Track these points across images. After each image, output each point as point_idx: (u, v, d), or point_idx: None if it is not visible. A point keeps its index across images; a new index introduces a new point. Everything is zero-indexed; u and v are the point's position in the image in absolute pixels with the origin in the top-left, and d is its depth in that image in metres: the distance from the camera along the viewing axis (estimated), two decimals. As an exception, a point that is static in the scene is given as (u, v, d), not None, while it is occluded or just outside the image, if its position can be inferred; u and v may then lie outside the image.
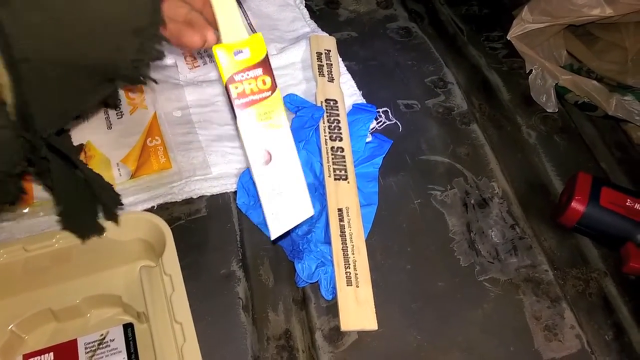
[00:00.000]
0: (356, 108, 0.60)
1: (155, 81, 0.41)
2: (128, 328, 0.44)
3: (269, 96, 0.39)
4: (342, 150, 0.56)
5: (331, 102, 0.59)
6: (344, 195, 0.53)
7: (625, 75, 0.60)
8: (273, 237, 0.42)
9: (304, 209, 0.42)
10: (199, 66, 0.63)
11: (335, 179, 0.53)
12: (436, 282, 0.51)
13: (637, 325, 0.50)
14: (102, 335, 0.43)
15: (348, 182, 0.53)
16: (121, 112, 0.56)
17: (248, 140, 0.40)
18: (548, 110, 0.63)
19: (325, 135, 0.56)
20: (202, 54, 0.65)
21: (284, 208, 0.41)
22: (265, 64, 0.38)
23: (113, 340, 0.43)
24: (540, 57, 0.62)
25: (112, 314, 0.44)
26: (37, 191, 0.51)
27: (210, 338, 0.45)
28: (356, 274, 0.48)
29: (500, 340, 0.48)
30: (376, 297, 0.48)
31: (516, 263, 0.52)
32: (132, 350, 0.43)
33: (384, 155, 0.57)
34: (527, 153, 0.61)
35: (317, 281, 0.48)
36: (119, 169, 0.53)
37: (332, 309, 0.48)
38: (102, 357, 0.43)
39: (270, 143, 0.40)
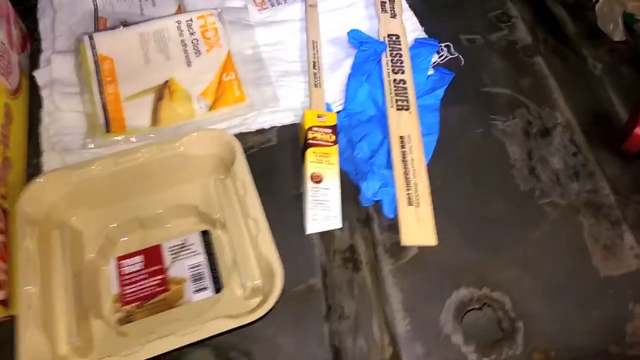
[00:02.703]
0: (418, 42, 0.62)
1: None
2: (205, 234, 0.49)
3: (331, 145, 0.54)
4: (404, 82, 0.58)
5: (393, 37, 0.61)
6: (406, 124, 0.55)
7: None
8: (308, 232, 0.51)
9: (335, 222, 0.51)
10: (267, 8, 0.66)
11: (397, 109, 0.56)
12: (495, 205, 0.53)
13: (701, 249, 0.50)
14: (182, 240, 0.49)
15: (410, 112, 0.56)
16: (199, 50, 0.61)
17: (309, 165, 0.53)
18: (615, 39, 0.62)
19: (387, 69, 0.59)
20: (270, -3, 0.68)
21: (321, 216, 0.51)
22: (333, 128, 0.55)
23: (193, 244, 0.49)
24: (610, -15, 0.60)
25: (191, 223, 0.50)
26: (129, 120, 0.57)
27: (282, 249, 0.50)
28: (417, 195, 0.51)
29: (558, 258, 0.50)
30: (436, 218, 0.50)
31: (577, 188, 0.53)
32: (210, 252, 0.48)
33: (445, 87, 0.59)
34: (593, 84, 0.61)
35: (379, 200, 0.52)
36: (198, 102, 0.58)
37: (393, 227, 0.51)
38: (185, 257, 0.49)
39: (324, 171, 0.53)
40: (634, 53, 0.63)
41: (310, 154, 0.53)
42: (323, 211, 0.51)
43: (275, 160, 0.56)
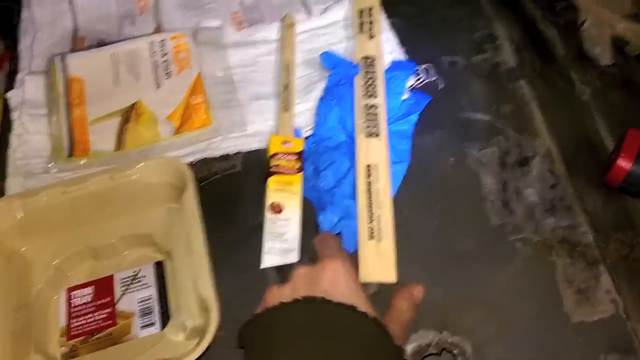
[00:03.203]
0: (395, 64, 0.60)
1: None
2: (159, 265, 0.48)
3: (294, 174, 0.52)
4: (376, 107, 0.55)
5: (369, 60, 0.59)
6: (374, 152, 0.53)
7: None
8: (262, 266, 0.49)
9: (292, 256, 0.49)
10: (244, 28, 0.65)
11: (367, 136, 0.54)
12: (464, 240, 0.50)
13: (685, 294, 0.46)
14: (135, 272, 0.48)
15: (379, 139, 0.53)
16: (169, 72, 0.60)
17: (269, 194, 0.51)
18: (602, 63, 0.58)
19: (360, 92, 0.56)
20: (249, 16, 0.66)
21: (278, 249, 0.49)
22: (299, 155, 0.53)
23: (145, 276, 0.48)
24: (597, 4, 0.57)
25: (145, 253, 0.49)
26: (94, 144, 0.56)
27: (236, 283, 0.48)
28: (379, 229, 0.49)
29: (527, 300, 0.47)
30: (400, 252, 0.48)
31: (553, 223, 0.50)
32: (162, 285, 0.47)
33: (419, 112, 0.57)
34: (579, 110, 0.57)
35: (339, 233, 0.49)
36: (164, 126, 0.57)
37: (353, 261, 0.49)
38: (134, 290, 0.47)
39: (285, 200, 0.51)
40: (626, 77, 0.59)
41: (271, 182, 0.52)
42: (280, 244, 0.49)
43: (239, 188, 0.55)
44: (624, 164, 0.48)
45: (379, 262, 0.47)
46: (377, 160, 0.52)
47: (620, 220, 0.50)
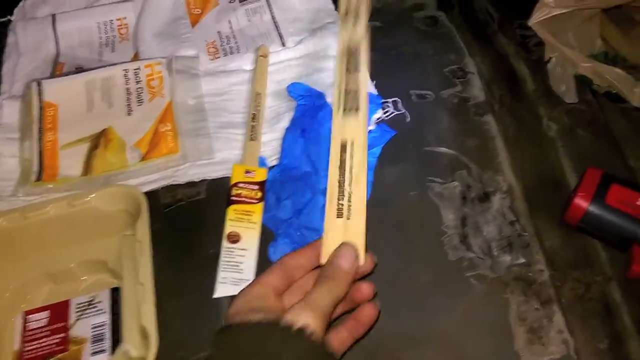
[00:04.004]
0: (362, 98, 0.60)
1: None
2: (115, 292, 0.48)
3: (255, 203, 0.53)
4: (357, 78, 0.46)
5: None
6: (351, 129, 0.44)
7: (658, 62, 0.54)
8: (215, 296, 0.49)
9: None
10: (219, 57, 0.66)
11: (344, 112, 0.45)
12: (419, 274, 0.50)
13: (638, 336, 0.45)
14: (91, 297, 0.48)
15: (358, 113, 0.45)
16: (141, 99, 0.61)
17: (227, 224, 0.52)
18: (567, 102, 0.59)
19: (342, 65, 0.47)
20: (225, 46, 0.68)
21: (232, 279, 0.49)
22: (261, 184, 0.54)
23: (100, 302, 0.48)
24: (567, 44, 0.58)
25: (102, 278, 0.49)
26: (62, 169, 0.57)
27: (189, 311, 0.49)
28: (349, 206, 0.42)
29: (479, 338, 0.46)
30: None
31: (509, 261, 0.50)
32: (116, 312, 0.47)
33: (383, 145, 0.57)
34: (544, 147, 0.58)
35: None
36: (132, 152, 0.58)
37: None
38: (89, 316, 0.48)
39: (243, 230, 0.52)
40: (593, 115, 0.59)
41: (230, 211, 0.52)
42: (235, 274, 0.49)
43: (202, 216, 0.55)
44: (580, 203, 0.48)
45: (347, 238, 0.41)
46: (353, 137, 0.44)
47: (578, 259, 0.50)
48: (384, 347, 0.46)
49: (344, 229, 0.41)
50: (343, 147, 0.44)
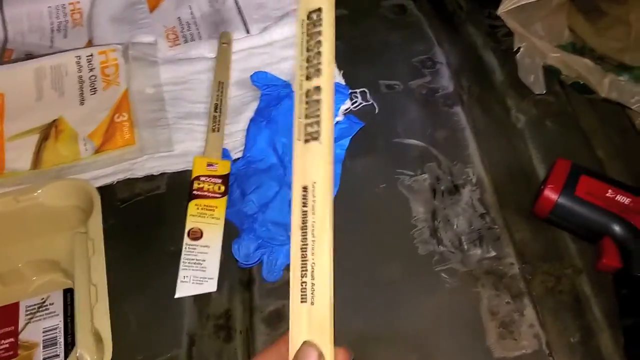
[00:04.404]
0: (329, 87, 0.58)
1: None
2: (68, 293, 0.45)
3: (218, 197, 0.50)
4: (319, 91, 0.31)
5: (314, 16, 0.31)
6: (312, 164, 0.31)
7: (624, 53, 0.54)
8: (177, 296, 0.46)
9: (210, 285, 0.47)
10: (179, 44, 0.63)
11: (305, 141, 0.31)
12: (389, 269, 0.48)
13: (608, 328, 0.45)
14: (42, 299, 0.45)
15: (320, 143, 0.31)
16: (95, 88, 0.58)
17: (189, 219, 0.49)
18: (535, 92, 0.58)
19: (300, 75, 0.31)
20: (185, 32, 0.65)
21: (194, 278, 0.47)
22: (224, 178, 0.51)
23: (52, 303, 0.45)
24: (535, 34, 0.57)
25: (54, 278, 0.46)
26: (9, 162, 0.53)
27: (148, 311, 0.46)
28: (313, 285, 0.31)
29: (450, 334, 0.45)
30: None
31: (479, 254, 0.49)
32: (69, 314, 0.44)
33: (351, 137, 0.55)
34: (513, 138, 0.57)
35: (260, 262, 0.47)
36: (85, 144, 0.54)
37: (275, 291, 0.47)
38: (41, 319, 0.44)
39: (206, 226, 0.49)
40: (562, 106, 0.59)
41: (192, 206, 0.49)
42: (197, 272, 0.47)
43: (162, 211, 0.52)
44: (550, 195, 0.47)
45: (312, 332, 0.31)
46: (315, 177, 0.32)
47: (548, 251, 0.49)
48: (351, 346, 0.44)
49: (309, 317, 0.31)
50: (304, 196, 0.32)
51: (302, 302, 0.31)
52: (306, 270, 0.31)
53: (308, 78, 0.32)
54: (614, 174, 0.54)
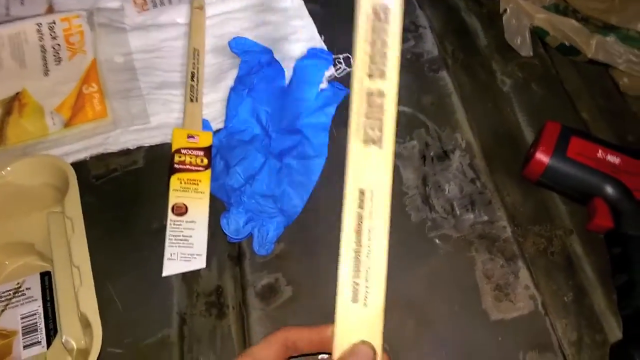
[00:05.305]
0: (312, 52, 0.56)
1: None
2: (45, 276, 0.42)
3: (202, 171, 0.48)
4: (383, 96, 0.32)
5: (381, 13, 0.30)
6: (372, 170, 0.32)
7: (610, 14, 0.53)
8: (164, 274, 0.44)
9: (198, 262, 0.45)
10: (148, 9, 0.59)
11: (364, 142, 0.32)
12: (383, 238, 0.47)
13: (601, 286, 0.46)
14: (18, 284, 0.42)
15: (381, 149, 0.32)
16: (59, 57, 0.54)
17: (172, 194, 0.47)
18: (522, 54, 0.57)
19: (362, 67, 0.31)
20: (154, -3, 0.60)
21: (181, 255, 0.45)
22: (206, 150, 0.49)
23: (29, 288, 0.42)
24: (518, -5, 0.56)
25: (29, 262, 0.43)
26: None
27: (135, 292, 0.44)
28: (367, 287, 0.33)
29: (446, 298, 0.45)
30: (312, 248, 0.45)
31: (472, 219, 0.48)
32: (48, 298, 0.41)
33: (337, 104, 0.53)
34: (499, 102, 0.56)
35: (250, 236, 0.46)
36: (52, 118, 0.50)
37: (267, 265, 0.45)
38: (17, 305, 0.41)
39: (190, 201, 0.47)
40: (547, 68, 0.58)
41: (174, 181, 0.47)
42: (184, 249, 0.45)
43: (141, 187, 0.49)
44: (542, 157, 0.47)
45: (362, 332, 0.32)
46: (375, 185, 0.33)
47: (539, 213, 0.49)
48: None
49: (360, 317, 0.32)
50: (360, 199, 0.33)
51: (353, 302, 0.32)
52: (359, 271, 0.33)
53: (370, 77, 0.31)
54: (599, 135, 0.54)
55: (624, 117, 0.56)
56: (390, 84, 0.32)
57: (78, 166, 0.48)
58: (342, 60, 0.57)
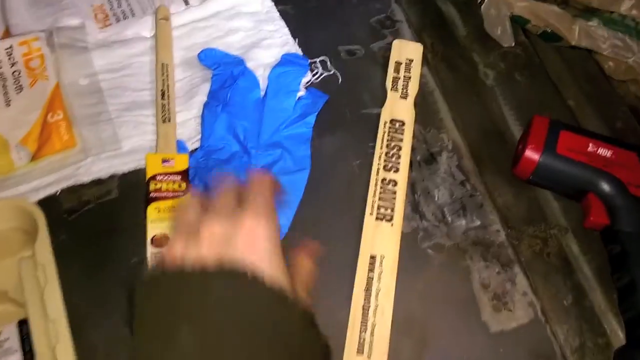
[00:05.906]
0: (286, 59, 0.53)
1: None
2: (23, 324, 0.40)
3: (181, 196, 0.46)
4: (395, 184, 0.46)
5: (397, 124, 0.49)
6: (383, 240, 0.44)
7: (592, -3, 0.51)
8: None
9: None
10: (110, 24, 0.56)
11: (377, 219, 0.45)
12: (374, 252, 0.45)
13: (600, 286, 0.45)
14: (-6, 335, 0.39)
15: (392, 225, 0.45)
16: (20, 85, 0.50)
17: (150, 226, 0.44)
18: (503, 45, 0.55)
19: (378, 164, 0.47)
20: (116, 10, 0.57)
21: None
22: (183, 174, 0.46)
23: (7, 339, 0.40)
24: (496, -18, 0.54)
25: (3, 310, 0.40)
26: None
27: (118, 336, 0.41)
28: (371, 341, 0.40)
29: (443, 314, 0.43)
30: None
31: (464, 225, 0.47)
32: (28, 349, 0.39)
33: (317, 112, 0.51)
34: (483, 96, 0.54)
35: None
36: (18, 152, 0.48)
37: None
38: (-3, 359, 0.39)
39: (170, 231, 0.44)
40: (530, 57, 0.57)
41: (151, 211, 0.45)
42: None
43: (117, 218, 0.47)
44: (531, 155, 0.45)
45: None
46: (384, 251, 0.43)
47: (532, 213, 0.48)
48: (340, 335, 0.42)
49: None
50: (371, 263, 0.43)
51: (358, 353, 0.40)
52: (366, 327, 0.40)
53: (385, 169, 0.47)
54: (586, 121, 0.53)
55: (611, 102, 0.55)
56: (401, 176, 0.46)
57: (48, 201, 0.46)
58: (318, 65, 0.55)
